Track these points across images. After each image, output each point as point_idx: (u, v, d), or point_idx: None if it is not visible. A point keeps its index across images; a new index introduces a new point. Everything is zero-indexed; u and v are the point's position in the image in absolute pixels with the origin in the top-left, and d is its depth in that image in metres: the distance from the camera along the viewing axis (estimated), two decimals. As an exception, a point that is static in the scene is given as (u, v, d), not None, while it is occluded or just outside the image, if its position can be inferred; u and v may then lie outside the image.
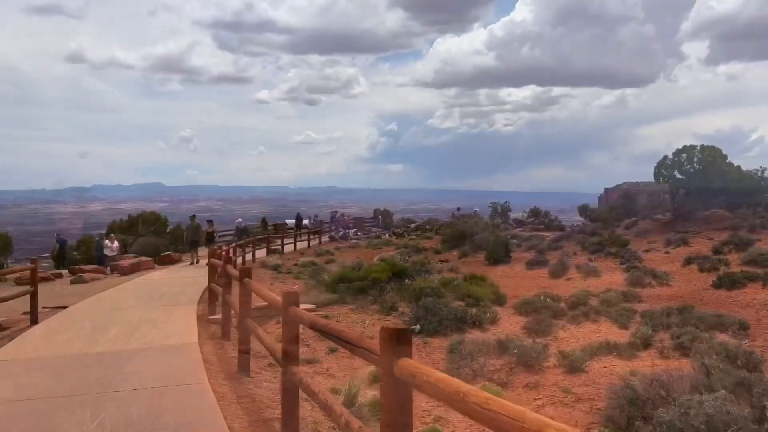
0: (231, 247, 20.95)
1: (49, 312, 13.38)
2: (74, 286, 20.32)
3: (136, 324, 10.70)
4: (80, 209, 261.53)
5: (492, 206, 46.20)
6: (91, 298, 14.89)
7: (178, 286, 16.92)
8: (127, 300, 14.30)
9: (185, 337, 9.36)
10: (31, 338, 9.59)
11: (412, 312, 11.82)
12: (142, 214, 32.01)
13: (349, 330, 4.12)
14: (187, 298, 14.41)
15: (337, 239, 39.31)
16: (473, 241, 26.80)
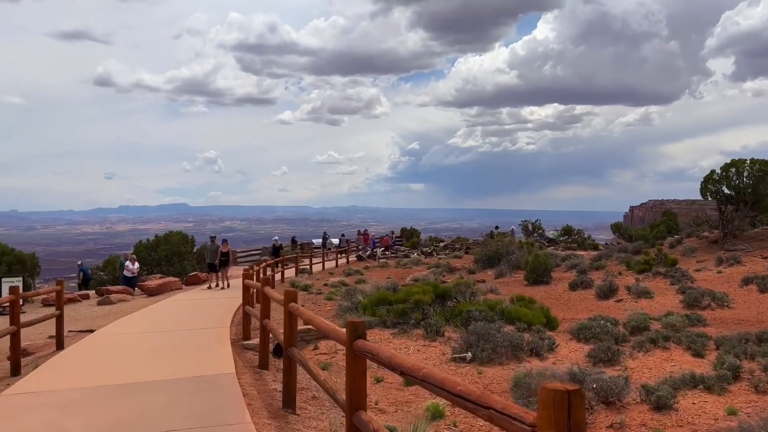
0: (262, 267, 20.18)
1: (74, 336, 12.68)
2: (101, 308, 19.71)
3: (165, 350, 9.91)
4: (106, 230, 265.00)
5: (523, 224, 45.01)
6: (117, 321, 14.19)
7: (207, 308, 16.17)
8: (155, 323, 13.56)
9: (221, 366, 8.52)
10: (54, 367, 8.84)
11: (462, 338, 10.86)
12: (169, 234, 31.56)
13: (455, 378, 3.19)
14: (217, 320, 13.62)
15: (364, 258, 38.46)
16: (509, 261, 25.73)
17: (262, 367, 8.87)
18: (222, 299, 17.87)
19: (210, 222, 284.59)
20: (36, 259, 25.23)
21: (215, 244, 23.62)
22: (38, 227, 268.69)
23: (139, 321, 14.08)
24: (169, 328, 12.50)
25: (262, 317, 8.93)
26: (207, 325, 12.87)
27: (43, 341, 12.35)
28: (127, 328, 12.95)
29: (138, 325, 13.39)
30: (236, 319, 14.04)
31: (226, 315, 14.39)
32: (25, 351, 11.50)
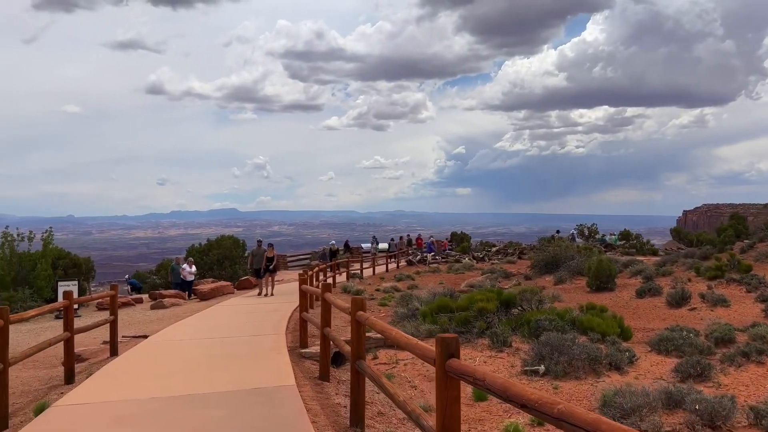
0: (314, 271, 19.74)
1: (128, 341, 12.44)
2: (154, 312, 19.64)
3: (221, 358, 9.48)
4: (159, 234, 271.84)
5: (578, 228, 43.55)
6: (171, 326, 13.93)
7: (260, 313, 15.80)
8: (208, 329, 13.22)
9: (280, 377, 8.00)
10: (108, 375, 8.49)
11: (534, 349, 10.08)
12: (221, 238, 31.57)
13: (613, 422, 2.51)
14: (272, 326, 13.19)
15: (415, 263, 37.79)
16: (569, 266, 24.64)
17: (323, 379, 8.31)
18: (276, 304, 17.50)
19: (258, 227, 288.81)
20: (91, 263, 25.47)
21: (261, 249, 22.44)
22: (94, 232, 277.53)
23: (193, 326, 13.78)
24: (223, 335, 12.12)
25: (323, 325, 8.38)
26: (262, 331, 12.44)
27: (98, 346, 12.14)
28: (180, 333, 12.65)
29: (191, 330, 13.07)
30: (291, 326, 13.59)
31: (281, 321, 13.96)
32: (80, 357, 11.28)
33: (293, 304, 17.32)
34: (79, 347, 12.65)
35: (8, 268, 21.43)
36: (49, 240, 22.81)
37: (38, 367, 11.79)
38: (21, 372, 10.94)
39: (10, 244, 21.93)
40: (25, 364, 11.71)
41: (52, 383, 8.85)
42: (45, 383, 9.06)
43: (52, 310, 8.61)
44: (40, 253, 22.28)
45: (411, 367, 10.42)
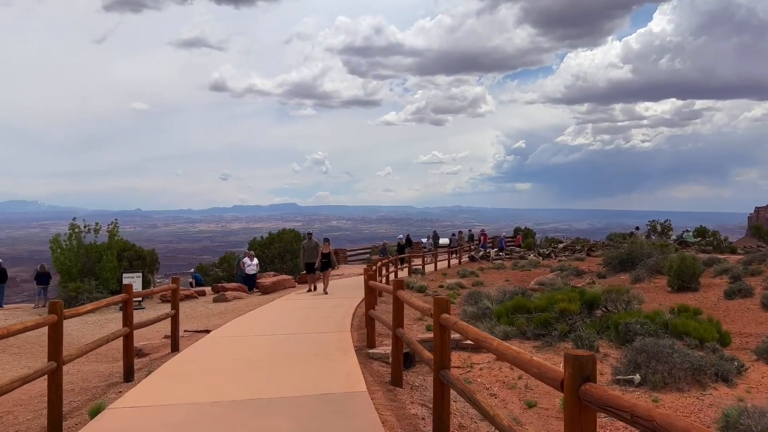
0: (378, 266, 19.08)
1: (190, 336, 12.07)
2: (216, 305, 19.45)
3: (284, 357, 8.88)
4: (222, 228, 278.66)
5: (651, 225, 41.39)
6: (233, 321, 13.52)
7: (322, 308, 15.24)
8: (270, 324, 12.72)
9: (349, 382, 7.30)
10: (167, 373, 8.00)
11: (626, 356, 9.06)
12: (282, 232, 31.39)
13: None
14: (336, 323, 12.57)
15: (477, 259, 36.71)
16: (646, 264, 23.12)
17: (395, 384, 7.57)
18: (337, 300, 16.91)
19: (317, 221, 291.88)
20: (155, 255, 25.66)
21: (312, 242, 20.63)
22: (160, 225, 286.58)
23: (255, 322, 13.33)
24: (286, 331, 11.57)
25: (395, 325, 7.64)
26: (325, 328, 11.83)
27: (160, 341, 11.81)
28: (242, 329, 12.19)
29: (253, 326, 12.60)
30: (355, 323, 12.95)
31: (345, 318, 13.33)
32: (141, 351, 10.95)
33: (354, 299, 16.72)
34: (141, 341, 12.40)
35: (75, 260, 21.70)
36: (115, 232, 23.02)
37: (100, 360, 11.57)
38: (83, 365, 10.70)
39: (77, 236, 22.22)
40: (88, 357, 11.50)
41: (111, 380, 8.46)
42: (105, 379, 8.69)
43: (109, 304, 8.19)
44: (105, 244, 22.49)
45: (488, 372, 9.58)
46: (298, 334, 11.19)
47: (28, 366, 11.80)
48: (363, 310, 14.71)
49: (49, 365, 5.74)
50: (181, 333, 12.34)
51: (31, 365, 11.73)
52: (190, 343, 10.71)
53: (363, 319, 13.46)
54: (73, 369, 10.15)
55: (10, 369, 11.61)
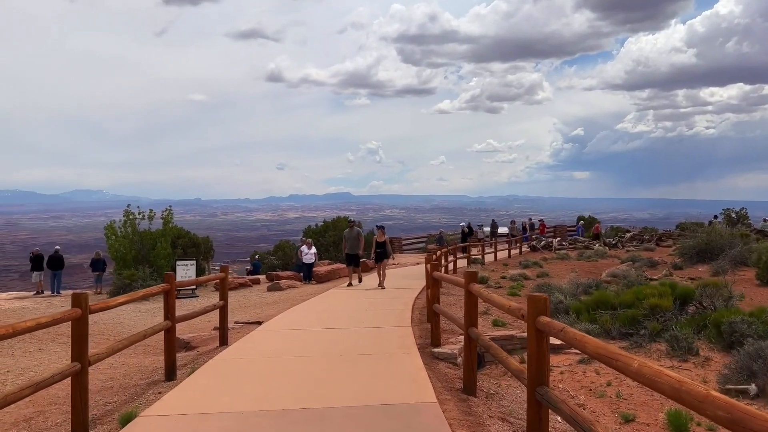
0: (438, 255, 18.02)
1: (241, 328, 11.34)
2: (270, 294, 18.85)
3: (340, 356, 7.96)
4: (278, 217, 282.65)
5: (725, 213, 38.75)
6: (286, 313, 12.74)
7: (380, 300, 14.32)
8: (325, 317, 11.86)
9: (415, 389, 6.29)
10: (212, 373, 7.19)
11: (737, 362, 7.73)
12: (337, 219, 30.66)
13: None
14: (395, 317, 11.60)
15: (539, 249, 35.13)
16: (729, 255, 21.22)
17: (467, 392, 6.52)
18: (396, 290, 15.94)
19: (371, 210, 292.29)
20: (210, 242, 25.31)
21: (354, 230, 18.59)
22: (219, 214, 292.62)
23: (308, 313, 12.51)
24: (342, 324, 10.67)
25: (468, 324, 6.57)
26: (384, 322, 10.87)
27: (209, 333, 11.11)
28: (296, 321, 11.38)
29: (308, 318, 11.78)
30: (416, 317, 11.95)
31: (404, 311, 12.36)
32: (189, 344, 10.27)
33: (413, 290, 15.74)
34: (192, 331, 11.77)
35: (130, 247, 21.49)
36: (169, 219, 22.70)
37: (148, 352, 10.97)
38: (129, 358, 10.10)
39: (132, 223, 22.01)
40: (136, 348, 10.93)
41: (153, 377, 7.73)
42: (147, 376, 7.97)
43: (146, 296, 7.41)
44: (160, 231, 22.20)
45: (570, 377, 8.42)
46: (355, 328, 10.27)
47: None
48: (423, 302, 13.71)
49: (72, 366, 4.97)
50: (232, 324, 11.64)
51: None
52: (240, 337, 9.95)
53: (424, 312, 12.47)
54: (118, 362, 9.54)
55: (55, 360, 11.15)
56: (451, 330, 10.18)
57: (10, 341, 11.62)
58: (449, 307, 12.32)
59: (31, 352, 11.71)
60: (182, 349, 10.37)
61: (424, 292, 15.33)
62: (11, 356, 11.33)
